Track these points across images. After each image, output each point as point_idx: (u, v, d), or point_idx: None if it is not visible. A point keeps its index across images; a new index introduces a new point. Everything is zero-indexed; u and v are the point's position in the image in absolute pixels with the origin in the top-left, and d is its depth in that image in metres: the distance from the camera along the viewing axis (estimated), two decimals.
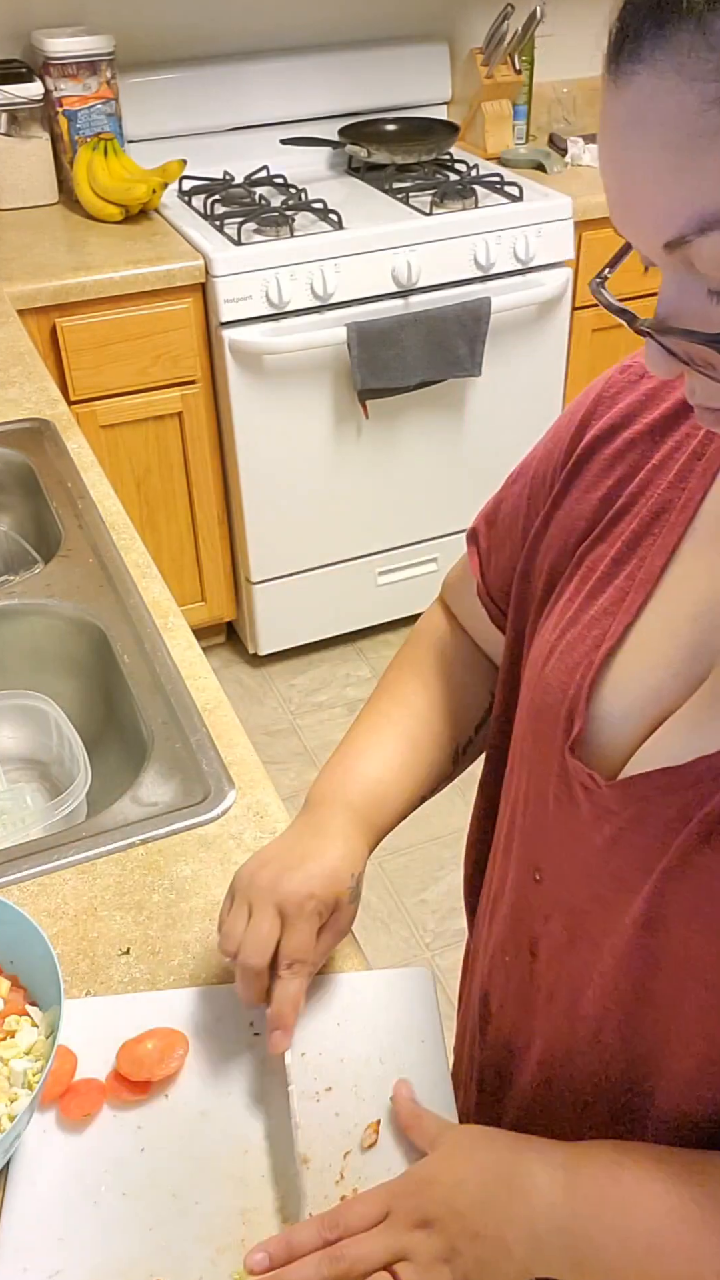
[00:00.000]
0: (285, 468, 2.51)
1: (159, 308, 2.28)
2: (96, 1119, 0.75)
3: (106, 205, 2.44)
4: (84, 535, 1.36)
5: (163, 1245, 0.68)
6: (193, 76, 2.63)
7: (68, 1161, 0.73)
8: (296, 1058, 0.77)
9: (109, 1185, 0.71)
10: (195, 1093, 0.77)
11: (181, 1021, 0.81)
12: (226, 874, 0.94)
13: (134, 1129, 0.74)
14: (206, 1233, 0.69)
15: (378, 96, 2.82)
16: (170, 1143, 0.74)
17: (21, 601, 1.27)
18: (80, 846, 0.96)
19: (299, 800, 2.66)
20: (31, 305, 2.18)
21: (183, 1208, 0.70)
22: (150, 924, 0.90)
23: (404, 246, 2.37)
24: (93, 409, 2.31)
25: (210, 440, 2.48)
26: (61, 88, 2.45)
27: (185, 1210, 0.70)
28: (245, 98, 2.68)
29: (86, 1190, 0.71)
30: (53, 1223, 0.69)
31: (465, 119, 2.86)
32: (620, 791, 0.63)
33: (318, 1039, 0.79)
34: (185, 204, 2.53)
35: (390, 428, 2.56)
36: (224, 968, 0.86)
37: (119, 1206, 0.70)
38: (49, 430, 1.60)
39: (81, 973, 0.86)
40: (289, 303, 2.32)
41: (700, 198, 0.44)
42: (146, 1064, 0.76)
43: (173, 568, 2.58)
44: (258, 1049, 0.79)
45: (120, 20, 2.54)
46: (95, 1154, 0.73)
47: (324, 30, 2.76)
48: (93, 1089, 0.76)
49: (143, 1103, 0.76)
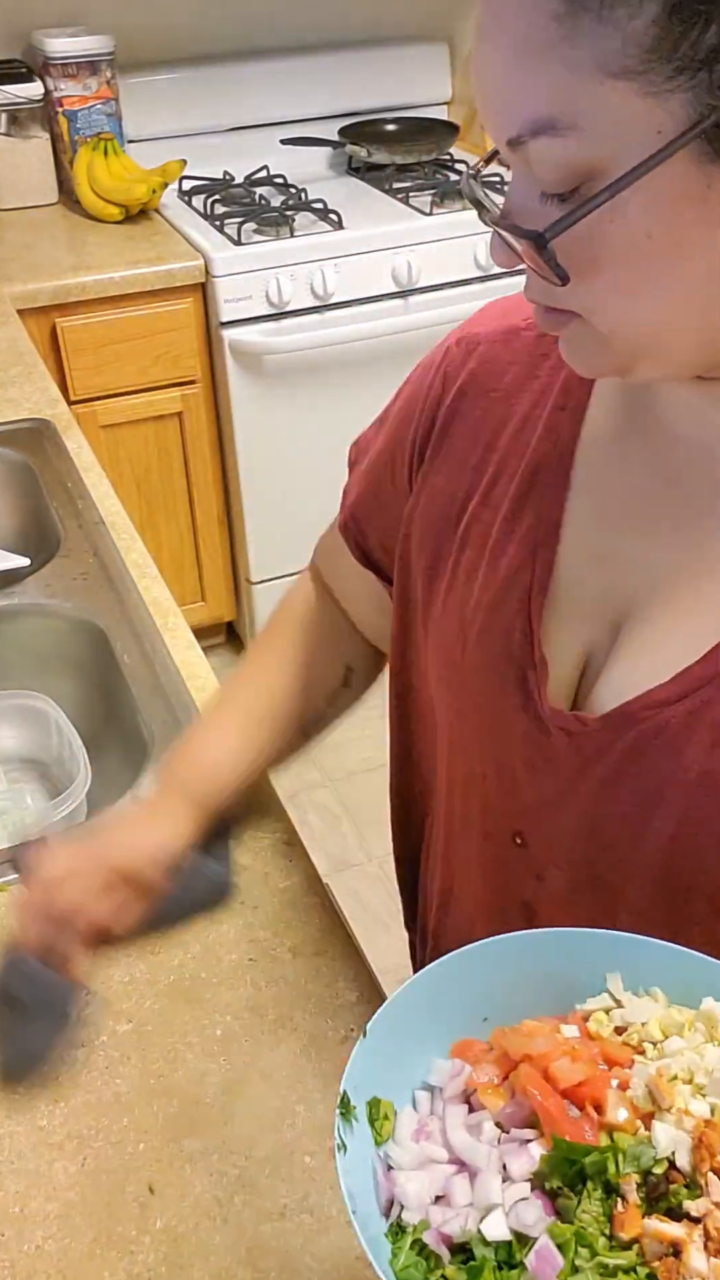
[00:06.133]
0: (285, 468, 2.50)
1: (159, 308, 2.27)
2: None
3: (106, 205, 2.44)
4: (84, 535, 1.36)
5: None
6: (193, 76, 2.63)
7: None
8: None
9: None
10: None
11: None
12: None
13: None
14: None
15: (378, 96, 2.81)
16: None
17: (21, 601, 1.27)
18: None
19: (299, 800, 2.66)
20: (31, 305, 2.17)
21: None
22: None
23: (404, 246, 2.37)
24: (93, 409, 2.31)
25: (210, 440, 2.48)
26: (61, 88, 2.45)
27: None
28: (245, 98, 2.68)
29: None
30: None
31: (465, 119, 2.85)
32: (615, 723, 0.64)
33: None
34: (185, 204, 2.53)
35: None
36: (223, 968, 0.86)
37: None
38: (49, 430, 1.60)
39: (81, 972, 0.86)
40: (289, 303, 2.32)
41: (534, 102, 0.49)
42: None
43: (173, 568, 2.58)
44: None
45: (120, 20, 2.54)
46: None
47: (324, 30, 2.76)
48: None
49: None
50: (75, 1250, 0.70)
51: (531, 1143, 0.51)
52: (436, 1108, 0.55)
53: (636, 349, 0.56)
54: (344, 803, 2.42)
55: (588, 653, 0.67)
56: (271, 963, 0.87)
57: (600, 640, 0.67)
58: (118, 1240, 0.71)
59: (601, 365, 0.59)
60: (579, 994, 0.58)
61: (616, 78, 0.47)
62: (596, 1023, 0.56)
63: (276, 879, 0.94)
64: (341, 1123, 0.52)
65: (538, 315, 0.59)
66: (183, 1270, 0.69)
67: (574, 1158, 0.49)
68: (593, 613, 0.67)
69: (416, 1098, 0.56)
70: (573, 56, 0.47)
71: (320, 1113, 0.77)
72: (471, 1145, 0.52)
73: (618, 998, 0.58)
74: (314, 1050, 0.81)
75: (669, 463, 0.64)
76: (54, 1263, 0.70)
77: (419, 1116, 0.55)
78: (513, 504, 0.70)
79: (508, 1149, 0.51)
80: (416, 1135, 0.54)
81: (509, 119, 0.51)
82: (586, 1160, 0.49)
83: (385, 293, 2.40)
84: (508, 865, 0.74)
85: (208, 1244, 0.70)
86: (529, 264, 0.54)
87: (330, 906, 0.92)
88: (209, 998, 0.85)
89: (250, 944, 0.88)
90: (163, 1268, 0.69)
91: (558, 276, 0.52)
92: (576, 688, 0.68)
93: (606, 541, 0.67)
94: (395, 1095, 0.55)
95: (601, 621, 0.67)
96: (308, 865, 0.95)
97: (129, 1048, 0.82)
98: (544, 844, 0.71)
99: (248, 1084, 0.79)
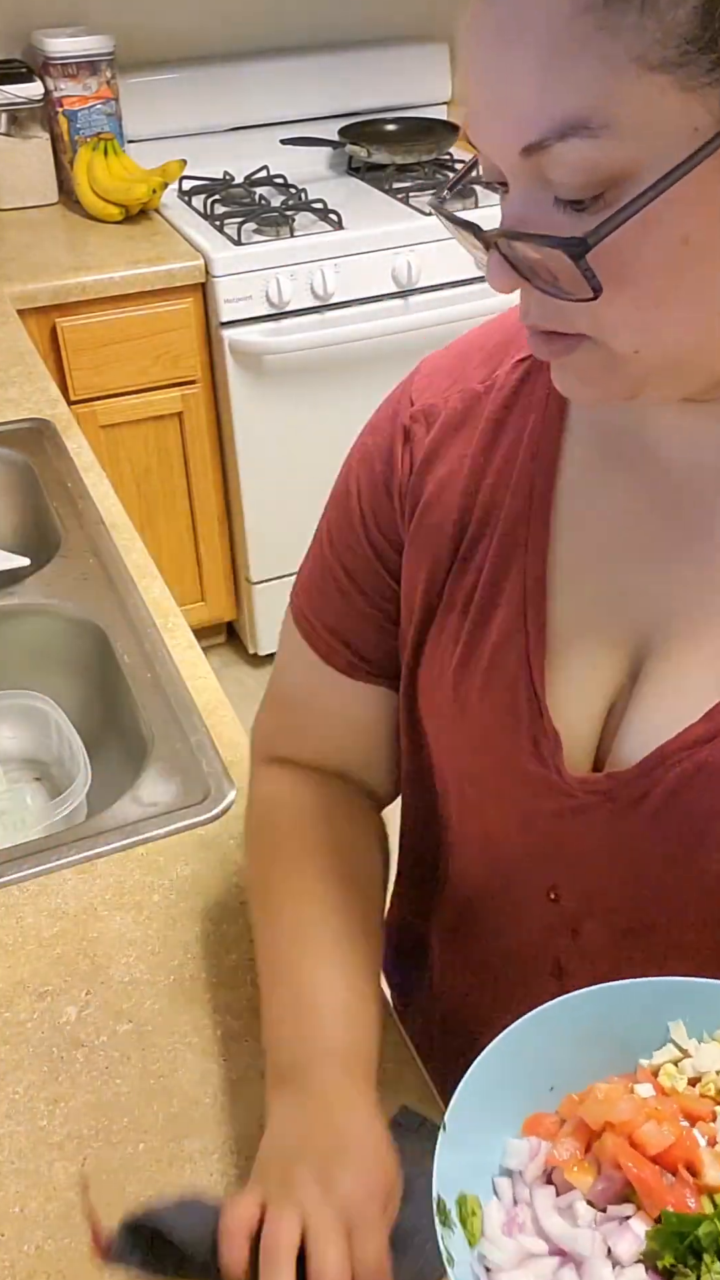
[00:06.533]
0: (285, 468, 2.50)
1: (159, 308, 2.27)
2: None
3: (106, 205, 2.43)
4: (84, 535, 1.36)
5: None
6: (193, 76, 2.63)
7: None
8: None
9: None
10: None
11: None
12: (226, 874, 0.94)
13: None
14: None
15: (378, 96, 2.81)
16: None
17: (21, 601, 1.27)
18: (80, 846, 0.96)
19: None
20: (31, 305, 2.17)
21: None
22: (150, 924, 0.90)
23: (404, 246, 2.37)
24: (93, 409, 2.31)
25: (210, 440, 2.48)
26: (61, 88, 2.45)
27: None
28: (245, 98, 2.68)
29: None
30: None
31: (465, 119, 2.85)
32: (651, 767, 0.62)
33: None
34: (185, 204, 2.53)
35: None
36: (223, 968, 0.86)
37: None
38: (49, 430, 1.60)
39: (82, 972, 0.86)
40: (289, 303, 2.31)
41: (563, 103, 0.46)
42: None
43: (173, 568, 2.58)
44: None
45: (120, 20, 2.54)
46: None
47: (324, 30, 2.76)
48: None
49: None
50: (75, 1250, 0.70)
51: (631, 1219, 0.48)
52: (520, 1193, 0.51)
53: (653, 370, 0.53)
54: None
55: (610, 701, 0.65)
56: None
57: (619, 684, 0.64)
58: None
59: (607, 391, 0.55)
60: (638, 1048, 0.55)
61: (655, 71, 0.45)
62: (668, 1076, 0.53)
63: None
64: (444, 1232, 0.47)
65: (534, 342, 0.55)
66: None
67: (684, 1230, 0.46)
68: (607, 658, 0.64)
69: (497, 1185, 0.52)
70: (610, 50, 0.45)
71: None
72: (570, 1232, 0.48)
73: (683, 1047, 0.55)
74: None
75: (663, 491, 0.62)
76: (54, 1263, 0.70)
77: (505, 1206, 0.51)
78: (496, 562, 0.67)
79: (608, 1230, 0.48)
80: (508, 1228, 0.50)
81: (531, 123, 0.47)
82: (701, 1232, 0.46)
83: (385, 293, 2.40)
84: (541, 921, 0.71)
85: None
86: (543, 282, 0.51)
87: None
88: (209, 998, 0.85)
89: (250, 944, 0.88)
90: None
91: (591, 289, 0.48)
92: (600, 735, 0.65)
93: (611, 581, 0.64)
94: (477, 1187, 0.51)
95: (616, 664, 0.64)
96: None
97: (129, 1048, 0.82)
98: (580, 896, 0.69)
99: (248, 1084, 0.79)
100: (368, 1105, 0.64)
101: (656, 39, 0.44)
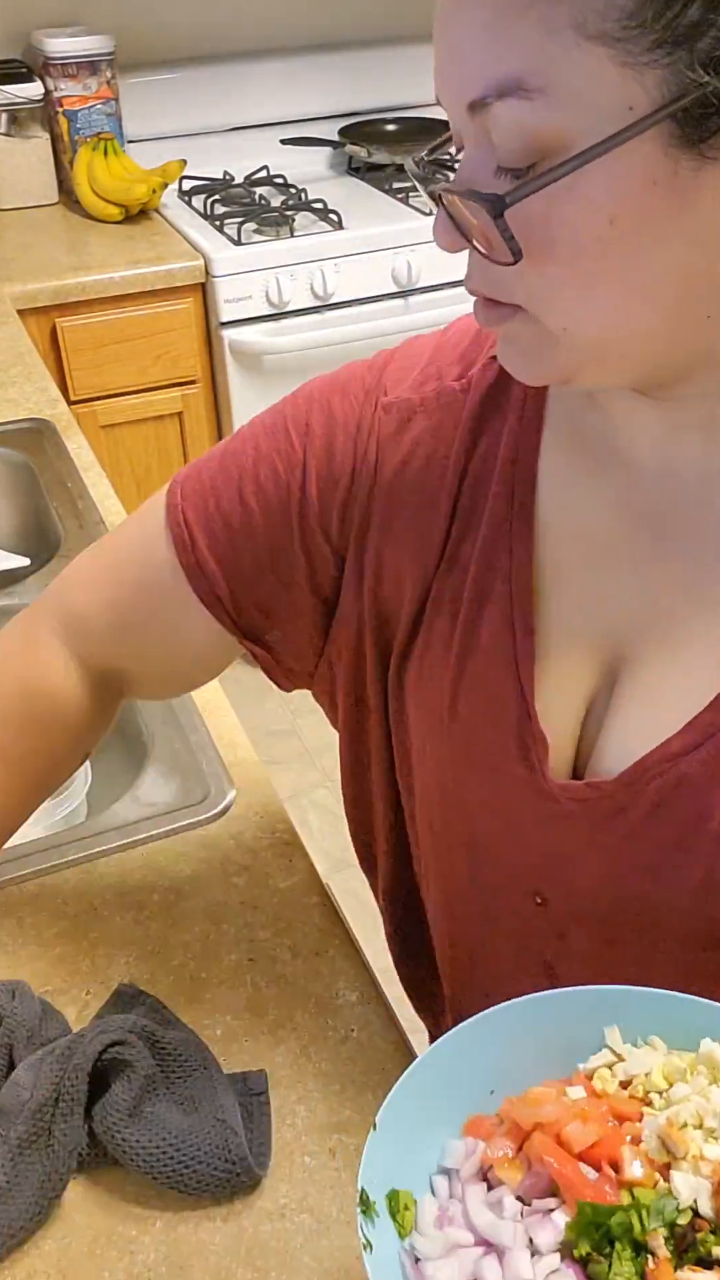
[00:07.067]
0: None
1: (159, 308, 2.28)
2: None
3: (106, 205, 2.44)
4: (84, 535, 1.36)
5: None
6: (193, 76, 2.63)
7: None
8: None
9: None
10: None
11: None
12: (226, 874, 0.94)
13: None
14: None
15: (378, 96, 2.81)
16: None
17: (21, 601, 1.27)
18: (80, 846, 0.96)
19: (299, 800, 2.66)
20: (31, 305, 2.17)
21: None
22: (150, 924, 0.90)
23: (404, 246, 2.37)
24: (93, 409, 2.31)
25: (210, 440, 2.48)
26: (61, 88, 2.45)
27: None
28: (245, 98, 2.68)
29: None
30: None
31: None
32: (632, 779, 0.62)
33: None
34: (185, 204, 2.53)
35: None
36: (223, 968, 0.86)
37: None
38: (49, 430, 1.60)
39: (82, 972, 0.86)
40: (289, 303, 2.32)
41: (504, 61, 0.47)
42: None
43: None
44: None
45: (120, 20, 2.54)
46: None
47: (324, 30, 2.76)
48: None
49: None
50: (75, 1250, 0.70)
51: (554, 1211, 0.50)
52: (455, 1190, 0.54)
53: (585, 351, 0.53)
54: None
55: (587, 706, 0.65)
56: (271, 963, 0.87)
57: (598, 689, 0.65)
58: (118, 1240, 0.71)
59: (543, 369, 0.56)
60: (580, 1053, 0.57)
61: (594, 41, 0.45)
62: (601, 1080, 0.55)
63: (276, 879, 0.94)
64: (364, 1220, 0.51)
65: (477, 310, 0.56)
66: (183, 1270, 0.69)
67: (599, 1220, 0.49)
68: (585, 663, 0.65)
69: (434, 1183, 0.55)
70: (551, 14, 0.45)
71: (320, 1112, 0.77)
72: (495, 1223, 0.51)
73: (618, 1051, 0.57)
74: (314, 1050, 0.81)
75: (636, 496, 0.62)
76: (54, 1263, 0.70)
77: (439, 1202, 0.54)
78: (480, 567, 0.66)
79: (531, 1222, 0.51)
80: (439, 1222, 0.53)
81: (475, 79, 0.48)
82: (612, 1221, 0.48)
83: (385, 293, 2.40)
84: (528, 925, 0.72)
85: (208, 1244, 0.70)
86: (477, 242, 0.52)
87: (330, 906, 0.92)
88: (209, 998, 0.85)
89: (250, 944, 0.88)
90: (163, 1268, 0.69)
91: (510, 251, 0.49)
92: (578, 742, 0.66)
93: (590, 587, 0.64)
94: (413, 1183, 0.54)
95: (595, 670, 0.65)
96: (308, 865, 0.95)
97: None
98: (565, 901, 0.69)
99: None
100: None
101: (597, 9, 0.45)
